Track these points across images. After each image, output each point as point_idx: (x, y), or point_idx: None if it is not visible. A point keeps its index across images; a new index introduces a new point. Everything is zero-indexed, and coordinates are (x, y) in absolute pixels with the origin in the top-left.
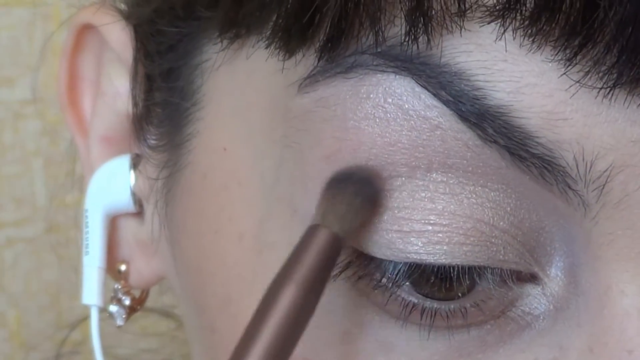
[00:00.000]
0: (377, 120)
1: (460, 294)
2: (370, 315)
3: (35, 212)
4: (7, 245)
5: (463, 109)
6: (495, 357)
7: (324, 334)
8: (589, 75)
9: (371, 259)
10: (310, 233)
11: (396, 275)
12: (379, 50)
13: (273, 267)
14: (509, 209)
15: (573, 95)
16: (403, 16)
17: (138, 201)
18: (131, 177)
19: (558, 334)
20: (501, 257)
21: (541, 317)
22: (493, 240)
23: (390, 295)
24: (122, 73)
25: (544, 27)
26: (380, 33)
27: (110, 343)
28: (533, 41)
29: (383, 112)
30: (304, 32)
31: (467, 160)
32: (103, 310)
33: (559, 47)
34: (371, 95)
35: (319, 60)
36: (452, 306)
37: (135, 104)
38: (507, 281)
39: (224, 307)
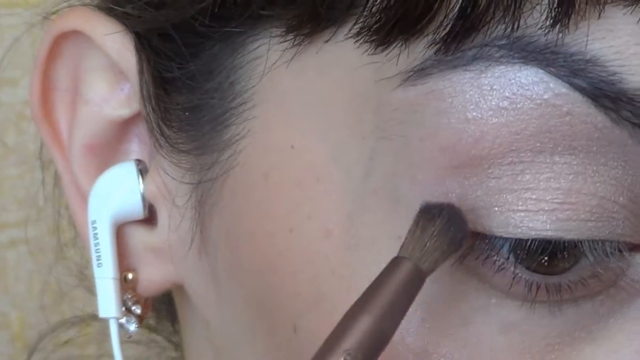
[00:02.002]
0: (503, 111)
1: (571, 267)
2: (488, 299)
3: (38, 213)
4: (10, 246)
5: (598, 94)
6: (608, 327)
7: (442, 323)
8: None
9: (493, 241)
10: (394, 264)
11: (519, 256)
12: (505, 42)
13: (373, 261)
14: (627, 184)
15: None
16: (548, 3)
17: (148, 207)
18: (140, 184)
19: None
20: (620, 230)
21: None
22: (614, 215)
23: (514, 278)
24: (109, 79)
25: None
26: (517, 22)
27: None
28: None
29: (509, 102)
30: (417, 24)
31: (593, 140)
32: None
33: None
34: (495, 87)
35: (435, 52)
36: (572, 278)
37: (146, 110)
38: (622, 251)
39: (314, 305)
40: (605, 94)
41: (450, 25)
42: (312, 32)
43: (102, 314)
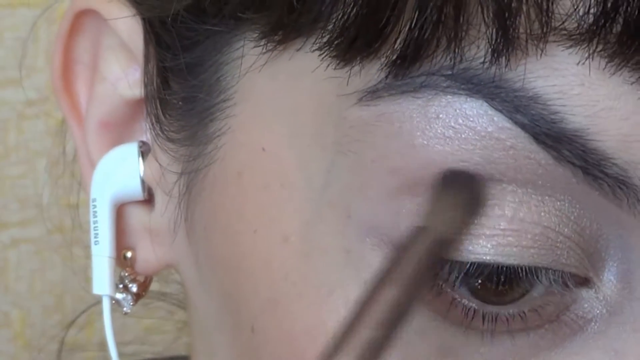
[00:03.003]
0: (448, 139)
1: (517, 298)
2: (429, 322)
3: (39, 212)
4: (12, 245)
5: (539, 132)
6: None
7: None
8: None
9: None
10: (416, 234)
11: (458, 280)
12: (452, 72)
13: (324, 271)
14: (572, 217)
15: None
16: (487, 39)
17: (147, 189)
18: (140, 166)
19: (612, 338)
20: (564, 260)
21: (594, 321)
22: (558, 244)
23: (452, 302)
24: (126, 58)
25: (627, 51)
26: (459, 55)
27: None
28: (614, 65)
29: (454, 132)
30: (370, 45)
31: (537, 176)
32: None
33: (639, 69)
34: (441, 116)
35: (386, 77)
36: (511, 310)
37: (147, 93)
38: (568, 284)
39: (269, 309)
40: (545, 132)
41: (399, 51)
42: (284, 39)
43: (96, 290)
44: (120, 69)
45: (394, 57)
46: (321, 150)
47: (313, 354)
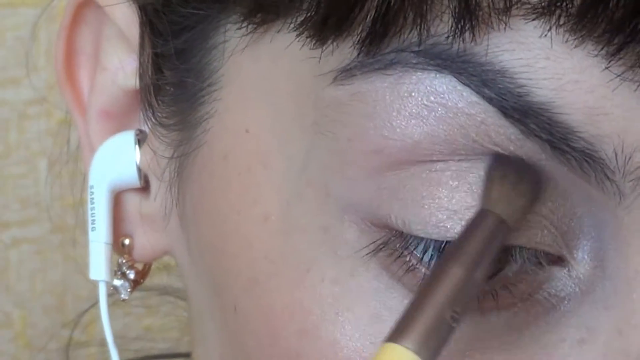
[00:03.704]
0: (422, 118)
1: (490, 277)
2: (400, 298)
3: (40, 212)
4: (13, 245)
5: (506, 106)
6: (521, 339)
7: (353, 316)
8: (632, 70)
9: (408, 240)
10: (480, 217)
11: (432, 257)
12: (420, 48)
13: (302, 249)
14: (546, 195)
15: (614, 89)
16: (450, 12)
17: (144, 176)
18: (136, 153)
19: (584, 315)
20: (538, 239)
21: (567, 299)
22: (532, 224)
23: (422, 278)
24: (124, 49)
25: (589, 24)
26: (425, 30)
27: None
28: (576, 37)
29: (427, 110)
30: (341, 23)
31: (508, 151)
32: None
33: (603, 42)
34: (413, 94)
35: (358, 55)
36: (484, 289)
37: (142, 82)
38: (541, 262)
39: (249, 288)
40: (513, 106)
41: (368, 28)
42: (263, 21)
43: (93, 276)
44: (120, 58)
45: (364, 34)
46: (301, 131)
47: (290, 332)
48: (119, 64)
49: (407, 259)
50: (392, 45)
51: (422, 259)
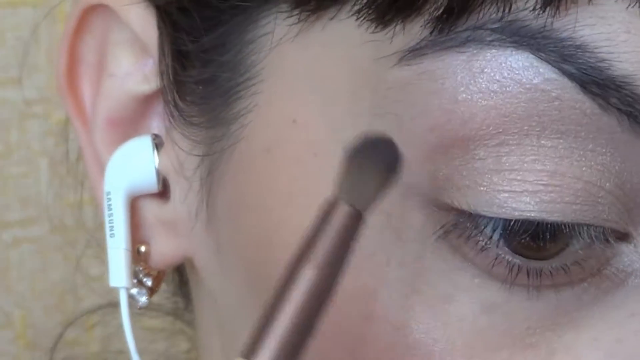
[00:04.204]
0: (492, 94)
1: (558, 252)
2: (471, 278)
3: (41, 212)
4: (13, 245)
5: (586, 80)
6: (590, 314)
7: (423, 298)
8: None
9: (478, 220)
10: (329, 209)
11: (502, 236)
12: (499, 25)
13: (363, 234)
14: (614, 171)
15: None
16: None
17: (162, 181)
18: (155, 158)
19: None
20: (605, 216)
21: (634, 275)
22: (600, 200)
23: (496, 258)
24: (135, 53)
25: None
26: (508, 5)
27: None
28: None
29: (499, 85)
30: (412, 3)
31: (581, 126)
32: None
33: None
34: (486, 70)
35: (430, 33)
36: (555, 264)
37: (163, 83)
38: (608, 238)
39: None
40: (593, 80)
41: (444, 5)
42: (317, 8)
43: (113, 283)
44: (130, 64)
45: (440, 11)
46: (356, 117)
47: (355, 317)
48: (129, 69)
49: (480, 238)
50: (469, 22)
51: (491, 237)
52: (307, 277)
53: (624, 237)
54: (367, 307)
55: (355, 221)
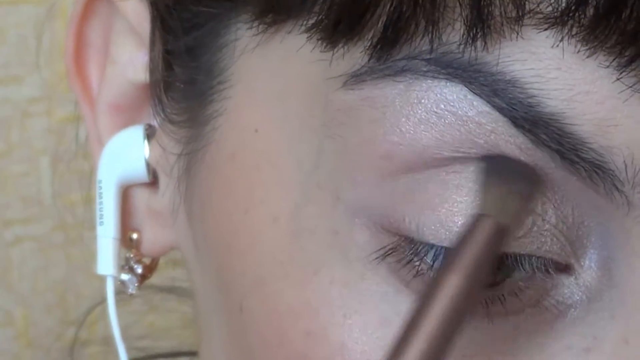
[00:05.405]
0: (432, 125)
1: (498, 283)
2: (409, 302)
3: (42, 210)
4: (15, 243)
5: (517, 116)
6: (528, 345)
7: (362, 319)
8: None
9: (418, 245)
10: (477, 223)
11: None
12: (431, 56)
13: (310, 251)
14: (556, 203)
15: (626, 101)
16: (462, 20)
17: (152, 171)
18: (145, 148)
19: (591, 324)
20: (547, 247)
21: (574, 307)
22: (543, 232)
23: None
24: (134, 43)
25: (601, 35)
26: (437, 38)
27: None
28: (588, 48)
29: (437, 117)
30: (352, 28)
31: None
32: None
33: (615, 54)
34: (423, 101)
35: (368, 60)
36: (491, 294)
37: (152, 77)
38: (549, 270)
39: (256, 287)
40: (523, 116)
41: (379, 33)
42: (274, 21)
43: (100, 270)
44: (130, 52)
45: (375, 40)
46: (310, 133)
47: (297, 333)
48: (129, 58)
49: (417, 264)
50: (403, 52)
51: (432, 265)
52: (454, 286)
53: (565, 268)
54: (309, 324)
55: (500, 234)
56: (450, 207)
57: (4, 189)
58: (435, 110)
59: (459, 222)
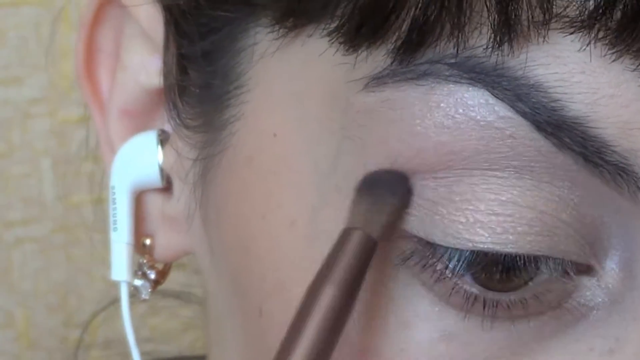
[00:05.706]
0: (446, 129)
1: (520, 286)
2: (431, 306)
3: (43, 211)
4: (16, 245)
5: (540, 120)
6: (550, 347)
7: (382, 323)
8: None
9: (436, 249)
10: (345, 235)
11: (459, 266)
12: (455, 60)
13: None
14: (572, 203)
15: None
16: (489, 25)
17: (166, 177)
18: (159, 154)
19: (613, 325)
20: (562, 247)
21: (596, 309)
22: (555, 231)
23: (453, 287)
24: (146, 48)
25: (628, 38)
26: (462, 42)
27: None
28: (614, 52)
29: (453, 121)
30: (376, 31)
31: (537, 163)
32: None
33: None
34: (442, 105)
35: (391, 63)
36: (513, 297)
37: (167, 82)
38: (568, 271)
39: (276, 292)
40: (546, 120)
41: (403, 37)
42: (295, 25)
43: (114, 276)
44: (142, 57)
45: (399, 43)
46: (329, 135)
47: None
48: (141, 63)
49: (437, 267)
50: (427, 56)
51: (448, 266)
52: (328, 297)
53: (586, 270)
54: None
55: (369, 246)
56: (454, 212)
57: (5, 190)
58: (452, 115)
59: (478, 225)
